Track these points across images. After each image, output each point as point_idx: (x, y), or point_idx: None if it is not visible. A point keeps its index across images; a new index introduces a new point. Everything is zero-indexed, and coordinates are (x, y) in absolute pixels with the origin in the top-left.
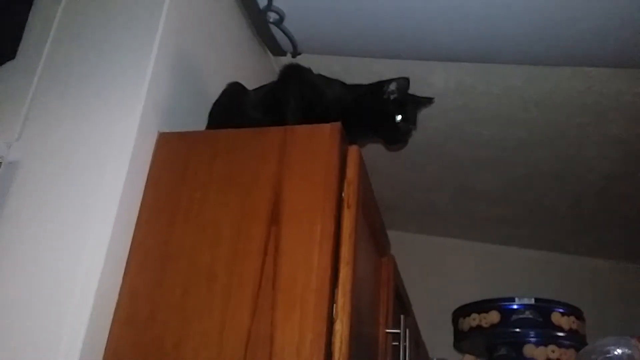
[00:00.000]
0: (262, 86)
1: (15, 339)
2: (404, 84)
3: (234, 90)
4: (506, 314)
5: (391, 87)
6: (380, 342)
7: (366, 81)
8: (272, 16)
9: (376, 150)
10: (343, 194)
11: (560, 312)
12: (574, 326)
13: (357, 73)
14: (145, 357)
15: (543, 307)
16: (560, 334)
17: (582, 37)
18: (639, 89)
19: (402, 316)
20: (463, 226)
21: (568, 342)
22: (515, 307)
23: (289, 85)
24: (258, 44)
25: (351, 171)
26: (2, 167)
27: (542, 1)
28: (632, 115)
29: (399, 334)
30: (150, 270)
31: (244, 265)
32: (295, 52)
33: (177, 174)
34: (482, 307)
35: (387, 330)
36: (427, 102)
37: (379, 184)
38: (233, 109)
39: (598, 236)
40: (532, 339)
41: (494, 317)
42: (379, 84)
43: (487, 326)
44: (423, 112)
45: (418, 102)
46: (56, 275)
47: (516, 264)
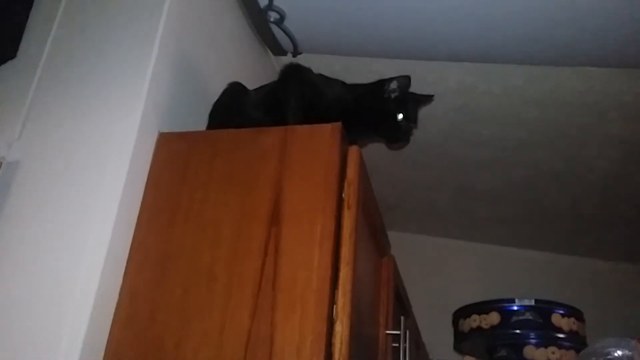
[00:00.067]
0: (263, 86)
1: (15, 339)
2: (405, 82)
3: (234, 90)
4: (506, 315)
5: (392, 85)
6: (380, 343)
7: (366, 81)
8: (273, 16)
9: (376, 150)
10: (343, 194)
11: (560, 314)
12: (574, 327)
13: (358, 73)
14: (145, 357)
15: (543, 309)
16: (561, 335)
17: (583, 37)
18: None
19: (402, 317)
20: (463, 226)
21: (568, 344)
22: (515, 308)
23: (290, 85)
24: (259, 44)
25: (351, 171)
26: (2, 167)
27: (542, 1)
28: (633, 115)
29: (399, 335)
30: (151, 270)
31: (244, 265)
32: (296, 52)
33: (178, 174)
34: (482, 308)
35: (387, 331)
36: (427, 100)
37: (379, 184)
38: (233, 108)
39: (598, 237)
40: (532, 341)
41: (494, 318)
42: (380, 82)
43: (487, 327)
44: (423, 111)
45: (418, 101)
46: (56, 275)
47: (516, 264)
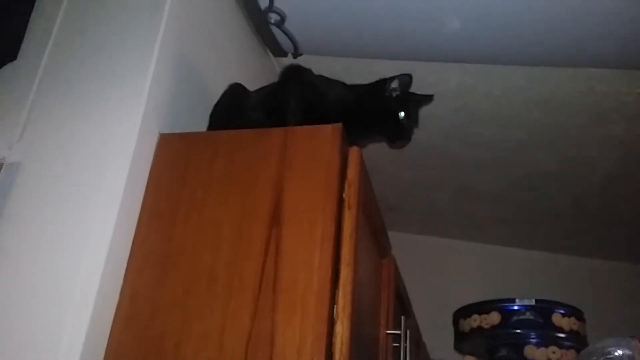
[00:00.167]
0: (263, 87)
1: (15, 340)
2: (406, 80)
3: (235, 91)
4: (507, 315)
5: (393, 84)
6: (381, 343)
7: (367, 82)
8: (273, 17)
9: (377, 150)
10: (344, 195)
11: (561, 313)
12: (574, 327)
13: (358, 74)
14: (145, 358)
15: (544, 308)
16: (561, 335)
17: (583, 37)
18: None
19: (403, 317)
20: (463, 227)
21: (569, 343)
22: (515, 308)
23: (290, 86)
24: (259, 45)
25: (352, 172)
26: (3, 168)
27: (542, 2)
28: (633, 115)
29: (399, 335)
30: (151, 271)
31: (244, 266)
32: (297, 53)
33: (178, 174)
34: (482, 308)
35: (388, 332)
36: (427, 100)
37: (379, 183)
38: (234, 110)
39: (599, 237)
40: (533, 340)
41: (494, 318)
42: (381, 81)
43: (488, 327)
44: (424, 112)
45: (418, 100)
46: (57, 275)
47: (517, 264)
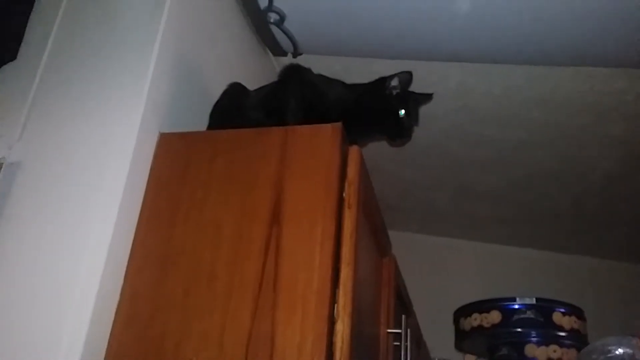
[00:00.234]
0: (263, 87)
1: (16, 340)
2: (406, 78)
3: (234, 91)
4: (507, 313)
5: (393, 82)
6: (382, 342)
7: (367, 81)
8: (273, 17)
9: (377, 150)
10: (344, 194)
11: (561, 312)
12: (575, 326)
13: (358, 73)
14: (146, 358)
15: (544, 307)
16: (562, 333)
17: (583, 37)
18: None
19: (404, 316)
20: (464, 226)
21: (569, 342)
22: (516, 307)
23: (290, 85)
24: (259, 44)
25: (352, 171)
26: (3, 168)
27: (542, 2)
28: (633, 115)
29: (400, 333)
30: (151, 271)
31: (244, 266)
32: (296, 53)
33: (178, 174)
34: (483, 307)
35: (389, 330)
36: (426, 98)
37: (379, 183)
38: (234, 109)
39: (599, 236)
40: (534, 339)
41: (495, 317)
42: (381, 80)
43: (489, 326)
44: (424, 112)
45: (418, 99)
46: (57, 275)
47: (517, 263)
